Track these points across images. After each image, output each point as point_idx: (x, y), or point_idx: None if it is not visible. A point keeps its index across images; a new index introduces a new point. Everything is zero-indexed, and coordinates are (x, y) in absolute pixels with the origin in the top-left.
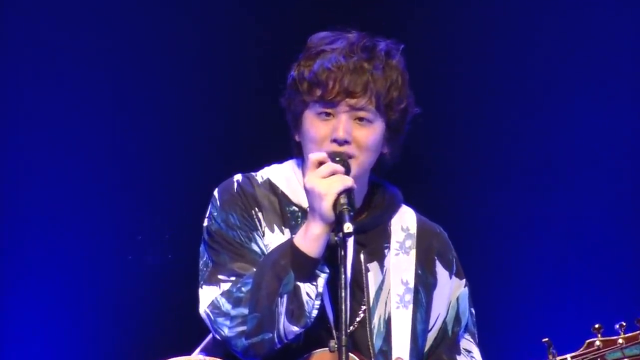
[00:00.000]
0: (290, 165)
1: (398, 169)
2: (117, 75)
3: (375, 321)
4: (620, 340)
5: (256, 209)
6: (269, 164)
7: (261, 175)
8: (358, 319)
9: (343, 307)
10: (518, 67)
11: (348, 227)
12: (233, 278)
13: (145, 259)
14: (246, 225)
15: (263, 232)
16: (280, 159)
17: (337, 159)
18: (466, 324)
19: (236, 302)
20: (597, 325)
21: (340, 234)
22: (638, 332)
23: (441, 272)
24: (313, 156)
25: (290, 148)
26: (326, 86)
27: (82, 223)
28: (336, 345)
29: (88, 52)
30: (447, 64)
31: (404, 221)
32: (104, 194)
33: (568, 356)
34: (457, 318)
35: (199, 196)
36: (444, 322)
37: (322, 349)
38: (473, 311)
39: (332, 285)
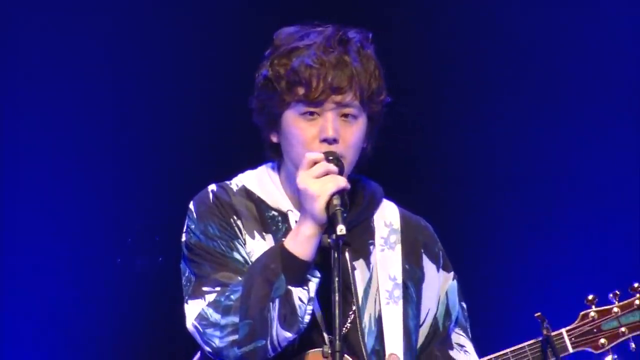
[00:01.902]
0: (264, 170)
1: (383, 164)
2: (107, 77)
3: (366, 320)
4: (615, 309)
5: (234, 217)
6: (242, 171)
7: (235, 183)
8: (349, 320)
9: (337, 311)
10: (509, 63)
11: (341, 229)
12: (218, 288)
13: (135, 261)
14: (226, 234)
15: (244, 240)
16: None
17: (331, 158)
18: (457, 317)
19: (225, 311)
20: (590, 297)
21: (334, 236)
22: (633, 299)
23: (428, 265)
24: (309, 155)
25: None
26: (309, 84)
27: (71, 225)
28: (330, 351)
29: (74, 56)
30: (437, 60)
31: (387, 216)
32: (93, 196)
33: (563, 330)
34: (448, 312)
35: (189, 198)
36: (435, 318)
37: (314, 350)
38: (464, 305)
39: (323, 288)
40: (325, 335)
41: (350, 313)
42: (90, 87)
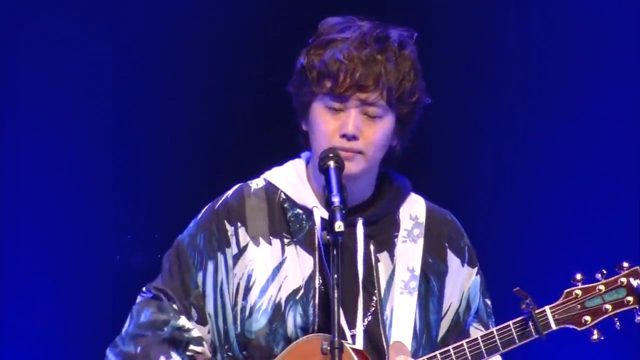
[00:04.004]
0: (292, 166)
1: (406, 159)
2: (106, 76)
3: (387, 313)
4: (599, 287)
5: (239, 223)
6: (269, 168)
7: (256, 182)
8: (371, 312)
9: (335, 308)
10: (521, 61)
11: (339, 226)
12: (149, 295)
13: (134, 259)
14: (206, 250)
15: (243, 247)
16: (271, 158)
17: (331, 155)
18: (477, 311)
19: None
20: (578, 276)
21: (332, 234)
22: (617, 276)
23: (452, 259)
24: None
25: (286, 144)
26: (337, 78)
27: (70, 222)
28: (329, 348)
29: (75, 55)
30: (450, 56)
31: (413, 210)
32: (92, 193)
33: (546, 307)
34: (468, 306)
35: (188, 195)
36: (457, 313)
37: (314, 335)
38: (488, 302)
39: (344, 284)
40: (347, 330)
41: (372, 305)
42: (89, 86)
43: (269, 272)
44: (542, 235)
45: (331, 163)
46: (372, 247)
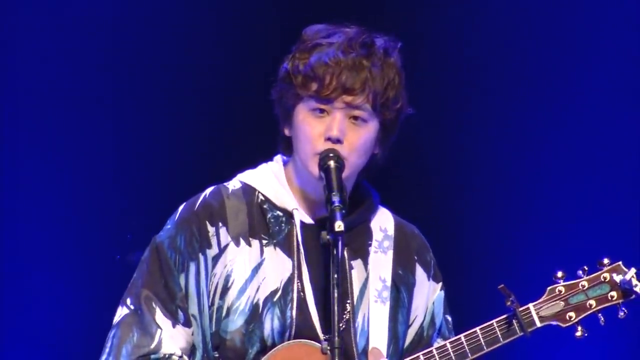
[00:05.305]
0: (268, 168)
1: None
2: (107, 74)
3: (359, 320)
4: (582, 283)
5: (220, 223)
6: (240, 171)
7: (233, 184)
8: (345, 318)
9: (335, 307)
10: (517, 61)
11: (339, 225)
12: (132, 307)
13: (133, 258)
14: (187, 251)
15: (224, 247)
16: (271, 158)
17: (331, 155)
18: (440, 327)
19: None
20: (559, 274)
21: (332, 233)
22: (600, 272)
23: (420, 272)
24: None
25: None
26: (322, 81)
27: (70, 222)
28: (329, 347)
29: (72, 53)
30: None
31: (382, 222)
32: (92, 192)
33: (530, 305)
34: (432, 321)
35: (189, 195)
36: (421, 327)
37: (302, 340)
38: (449, 318)
39: (318, 286)
40: (321, 335)
41: (346, 312)
42: (89, 86)
43: (248, 272)
44: (524, 234)
45: (331, 163)
46: (346, 254)
